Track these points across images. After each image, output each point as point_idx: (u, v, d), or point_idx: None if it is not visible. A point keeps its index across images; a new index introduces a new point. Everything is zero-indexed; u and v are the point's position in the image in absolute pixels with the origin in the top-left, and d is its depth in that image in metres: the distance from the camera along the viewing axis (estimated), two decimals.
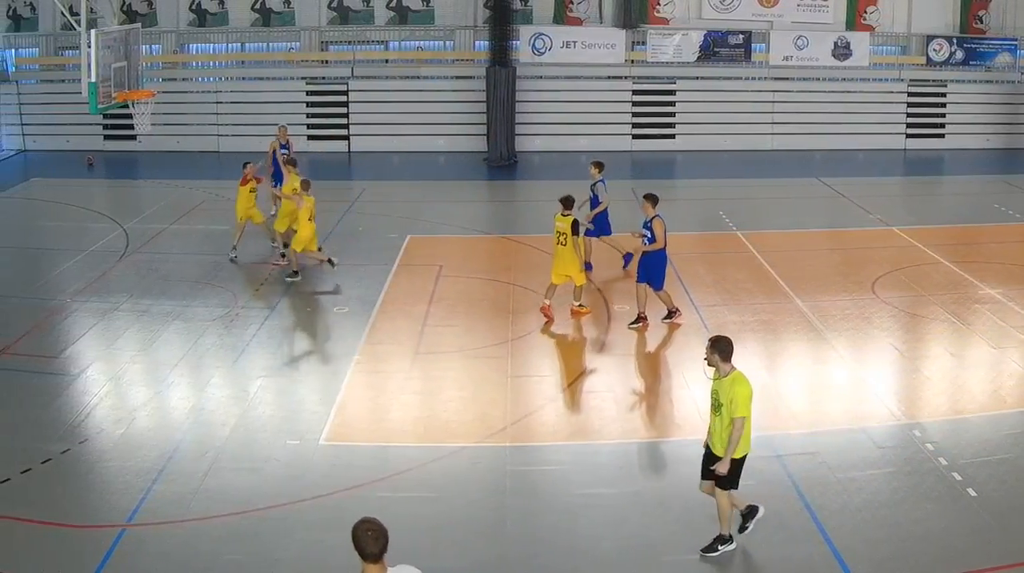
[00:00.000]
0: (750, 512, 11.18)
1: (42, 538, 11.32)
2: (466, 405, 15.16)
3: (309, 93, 37.53)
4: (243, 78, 37.92)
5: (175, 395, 15.51)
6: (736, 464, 10.70)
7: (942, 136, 38.51)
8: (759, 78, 37.82)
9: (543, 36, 37.03)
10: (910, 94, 38.29)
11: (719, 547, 10.96)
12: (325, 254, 21.66)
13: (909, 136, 38.37)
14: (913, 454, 13.23)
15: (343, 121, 37.69)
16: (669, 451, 13.81)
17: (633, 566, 10.93)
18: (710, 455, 10.83)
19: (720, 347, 10.66)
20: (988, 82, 38.64)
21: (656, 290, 18.16)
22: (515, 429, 14.24)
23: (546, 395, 15.68)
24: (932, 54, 38.00)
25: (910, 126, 38.41)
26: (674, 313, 18.38)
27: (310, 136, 36.88)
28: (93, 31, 19.27)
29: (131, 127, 25.67)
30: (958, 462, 12.90)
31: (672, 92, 37.87)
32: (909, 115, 38.38)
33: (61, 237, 24.88)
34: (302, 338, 18.44)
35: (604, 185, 21.39)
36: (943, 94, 38.41)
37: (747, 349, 17.20)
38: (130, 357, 17.00)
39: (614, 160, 34.40)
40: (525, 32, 36.84)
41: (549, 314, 18.39)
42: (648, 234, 17.82)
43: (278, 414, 14.82)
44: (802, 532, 11.40)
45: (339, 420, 14.58)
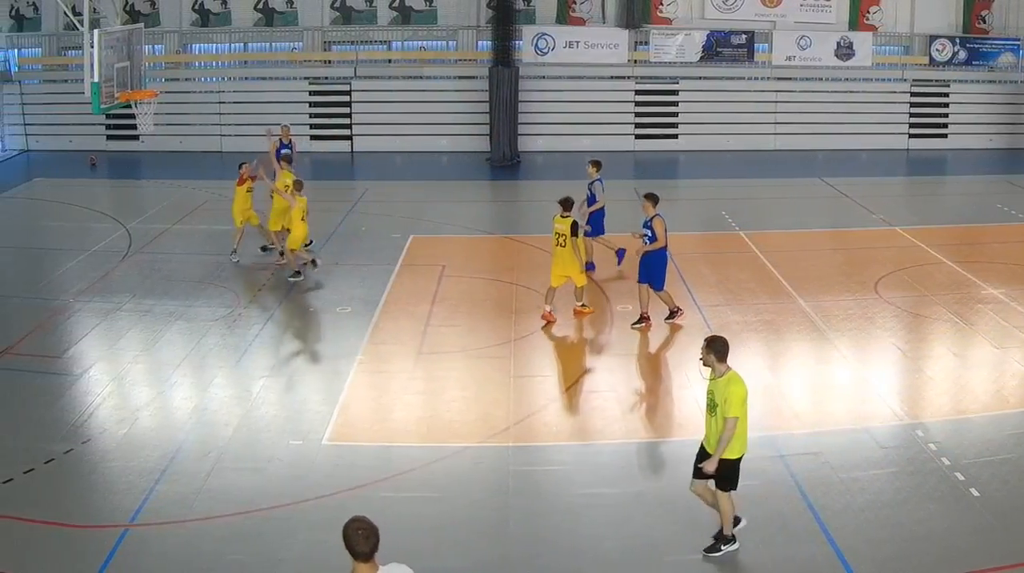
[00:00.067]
0: (725, 539, 11.06)
1: (45, 538, 11.33)
2: (469, 405, 15.17)
3: (312, 93, 37.53)
4: (246, 78, 37.96)
5: (178, 395, 15.52)
6: (733, 465, 10.69)
7: (945, 136, 38.47)
8: (762, 78, 37.78)
9: (546, 36, 37.02)
10: (913, 94, 38.25)
11: (722, 547, 10.96)
12: (311, 255, 21.66)
13: (912, 136, 38.35)
14: (916, 454, 13.23)
15: (346, 121, 37.68)
16: (672, 451, 13.77)
17: (636, 566, 10.93)
18: (705, 456, 10.80)
19: (716, 347, 10.65)
20: (991, 82, 38.62)
21: (656, 290, 18.12)
22: (518, 429, 14.24)
23: (549, 395, 15.67)
24: (935, 54, 37.98)
25: (913, 126, 38.39)
26: (676, 313, 18.36)
27: (313, 136, 36.90)
28: (96, 31, 19.26)
29: (134, 127, 25.69)
30: (961, 462, 12.90)
31: (675, 92, 37.86)
32: (912, 115, 38.35)
33: (64, 237, 24.90)
34: (305, 338, 18.43)
35: (601, 184, 21.38)
36: (946, 94, 38.37)
37: (750, 349, 17.23)
38: (133, 357, 17.01)
39: (617, 160, 34.47)
40: (528, 32, 36.84)
41: (551, 319, 18.38)
42: (649, 233, 17.79)
43: (281, 414, 14.83)
44: (805, 532, 11.40)
45: (342, 420, 14.58)
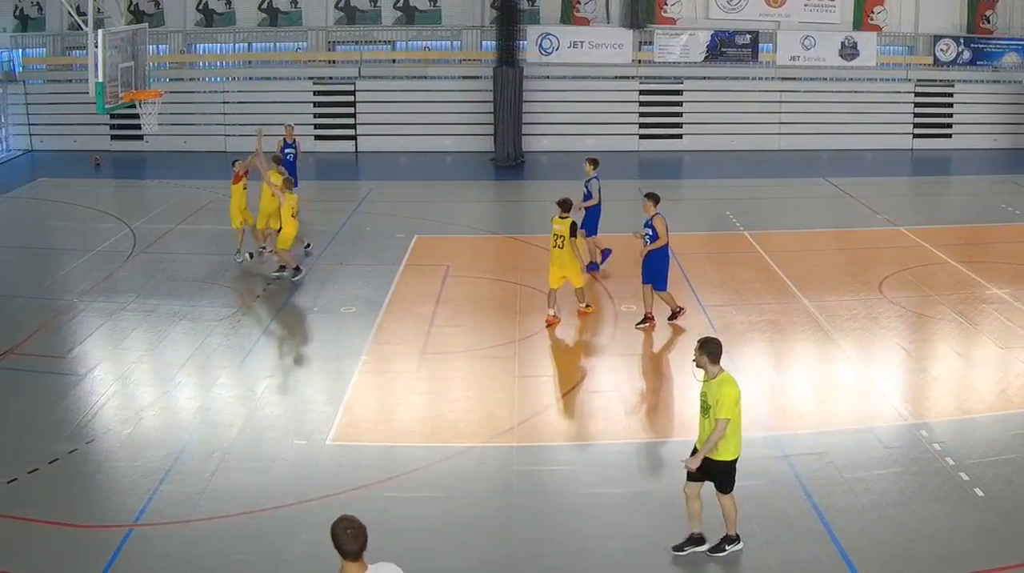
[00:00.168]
0: (695, 541, 10.99)
1: (49, 538, 11.33)
2: (473, 405, 15.16)
3: (316, 93, 37.57)
4: (250, 78, 37.97)
5: (182, 395, 15.53)
6: (729, 467, 10.70)
7: (949, 136, 38.43)
8: (766, 78, 37.76)
9: (550, 36, 37.01)
10: (917, 94, 38.22)
11: (726, 547, 10.96)
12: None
13: (916, 136, 38.31)
14: (920, 454, 13.22)
15: (350, 121, 37.69)
16: (676, 451, 13.66)
17: (641, 566, 10.92)
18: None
19: (709, 349, 10.62)
20: (995, 82, 38.57)
21: (658, 290, 18.04)
22: (522, 429, 14.24)
23: (553, 395, 15.68)
24: (939, 54, 37.93)
25: (917, 126, 38.34)
26: (678, 313, 18.29)
27: (317, 136, 36.90)
28: (100, 31, 19.28)
29: (138, 127, 25.77)
30: (965, 462, 12.88)
31: (679, 92, 37.85)
32: (916, 115, 38.31)
33: (68, 237, 24.92)
34: (309, 338, 18.41)
35: (598, 182, 21.37)
36: (950, 94, 38.34)
37: (754, 349, 17.23)
38: (137, 357, 17.02)
39: (621, 160, 34.54)
40: (532, 32, 36.82)
41: (555, 322, 18.36)
42: (650, 232, 17.75)
43: (285, 414, 14.83)
44: (809, 532, 11.39)
45: (346, 420, 14.58)
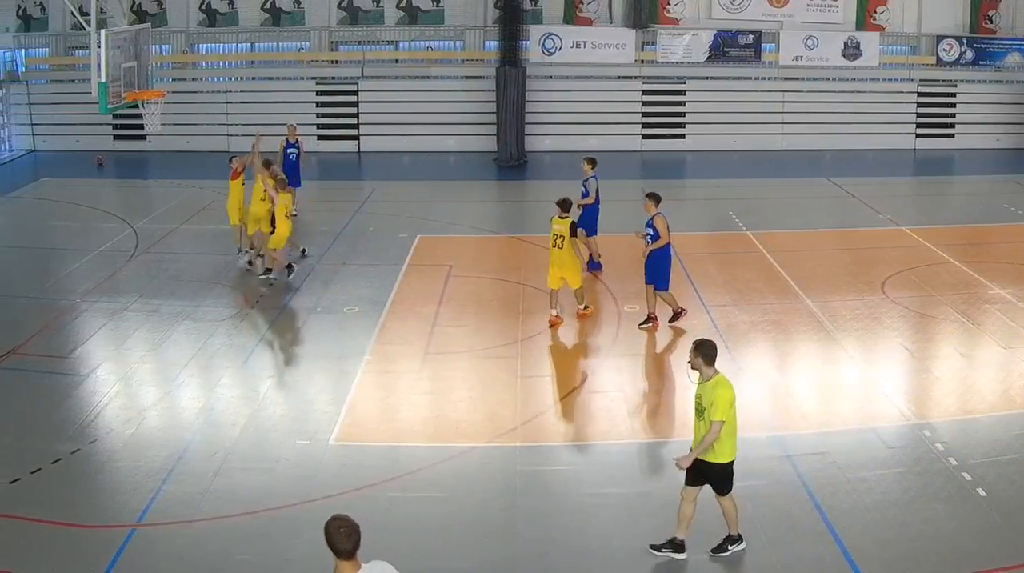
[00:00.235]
0: (675, 546, 10.96)
1: (52, 538, 11.34)
2: (476, 405, 15.16)
3: (319, 93, 37.59)
4: (253, 78, 37.99)
5: (185, 395, 15.53)
6: (725, 470, 10.69)
7: (952, 136, 38.44)
8: (769, 78, 37.75)
9: (553, 36, 37.01)
10: (920, 94, 38.21)
11: (729, 547, 10.96)
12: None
13: (919, 136, 38.31)
14: (923, 454, 13.21)
15: (353, 121, 37.72)
16: (678, 451, 13.60)
17: (643, 566, 10.90)
18: (695, 461, 10.71)
19: (704, 351, 10.61)
20: (998, 82, 38.53)
21: (659, 290, 17.97)
22: (525, 429, 14.24)
23: (556, 395, 15.68)
24: (942, 54, 37.92)
25: (920, 126, 38.35)
26: (679, 314, 18.20)
27: (320, 136, 36.93)
28: (103, 31, 19.32)
29: (141, 127, 25.75)
30: (968, 462, 12.87)
31: (682, 92, 37.85)
32: (919, 115, 38.31)
33: (71, 237, 24.93)
34: (312, 338, 18.38)
35: (596, 181, 21.39)
36: (953, 94, 38.33)
37: (757, 349, 17.23)
38: (140, 357, 17.02)
39: (624, 160, 34.57)
40: (535, 32, 36.84)
41: (558, 322, 18.33)
42: (651, 232, 17.72)
43: (288, 414, 14.83)
44: (812, 532, 11.38)
45: (349, 420, 14.58)
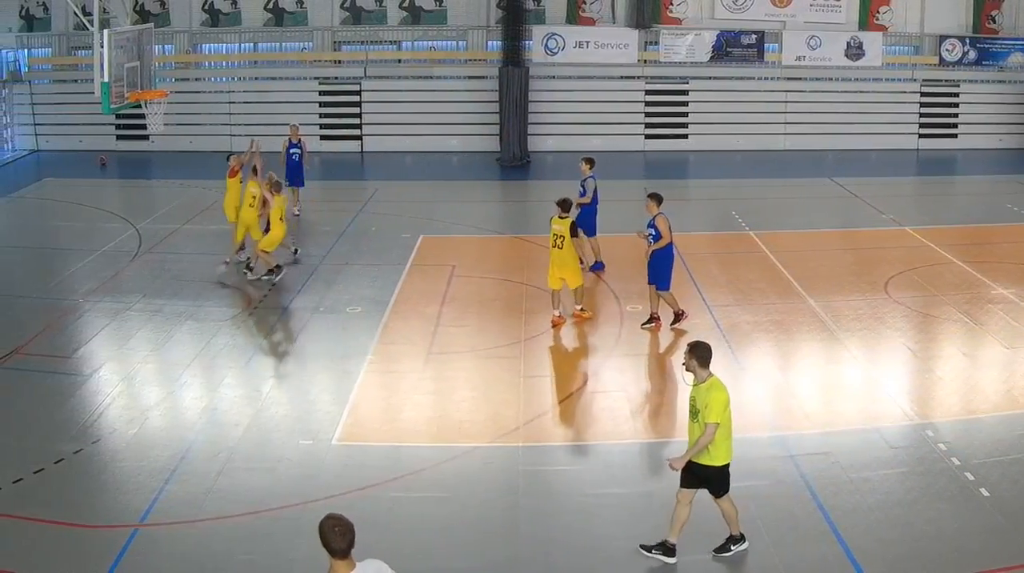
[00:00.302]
0: (666, 550, 10.93)
1: (55, 538, 11.35)
2: (479, 405, 15.15)
3: (322, 93, 37.60)
4: (256, 78, 38.00)
5: (188, 395, 15.53)
6: (721, 472, 10.68)
7: (955, 136, 38.41)
8: (772, 78, 37.75)
9: (556, 36, 37.02)
10: (923, 94, 38.20)
11: (731, 547, 10.96)
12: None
13: (922, 136, 38.30)
14: (926, 454, 13.20)
15: (356, 121, 37.74)
16: (681, 451, 13.71)
17: (645, 566, 10.89)
18: (690, 464, 10.71)
19: (699, 353, 10.61)
20: (1001, 82, 38.51)
21: (660, 290, 17.92)
22: (528, 429, 14.23)
23: (559, 395, 15.68)
24: (945, 54, 37.90)
25: (923, 126, 38.33)
26: (680, 317, 18.09)
27: (323, 136, 36.94)
28: (106, 31, 19.34)
29: (144, 127, 25.81)
30: (971, 462, 12.86)
31: (685, 92, 37.84)
32: (922, 115, 38.30)
33: (74, 237, 24.95)
34: (315, 338, 18.37)
35: (594, 181, 21.40)
36: (956, 94, 38.31)
37: (760, 349, 17.23)
38: (143, 357, 17.03)
39: (627, 160, 34.58)
40: (538, 32, 36.85)
41: (561, 322, 18.31)
42: (653, 232, 17.69)
43: (291, 414, 14.83)
44: (815, 532, 11.38)
45: (352, 420, 14.58)
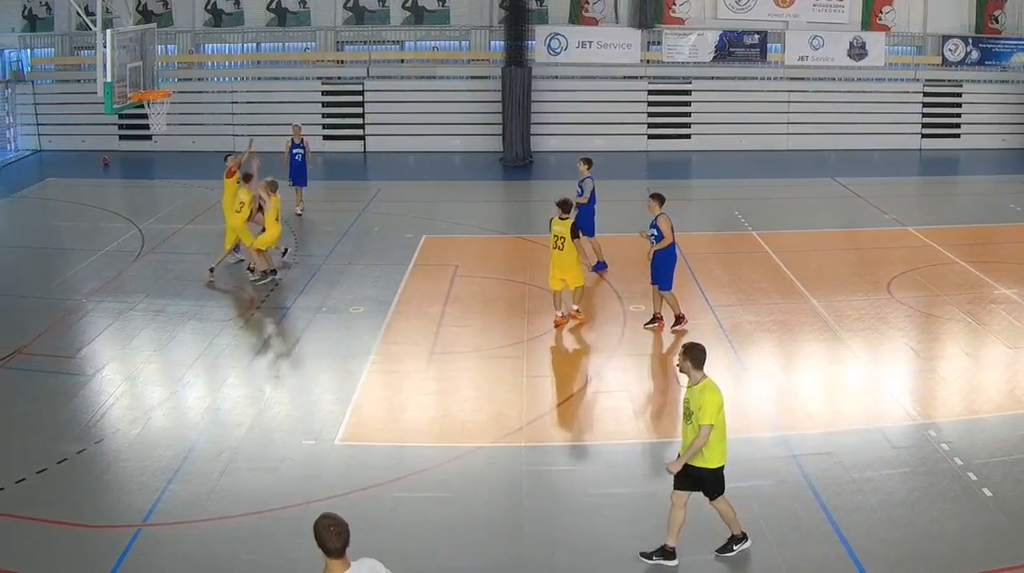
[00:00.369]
0: (665, 554, 10.91)
1: (58, 538, 11.36)
2: (482, 405, 15.16)
3: (325, 93, 37.61)
4: (259, 78, 38.05)
5: (191, 395, 15.55)
6: (716, 474, 10.68)
7: (957, 136, 38.38)
8: (774, 78, 37.72)
9: (559, 36, 37.02)
10: (925, 94, 38.16)
11: (734, 547, 10.96)
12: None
13: (924, 136, 38.26)
14: (928, 454, 13.20)
15: (359, 121, 37.74)
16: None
17: (649, 566, 10.91)
18: (685, 466, 10.69)
19: (693, 354, 10.60)
20: (1004, 82, 38.48)
21: (662, 290, 17.86)
22: (531, 429, 14.24)
23: (561, 395, 15.68)
24: (947, 54, 37.88)
25: (925, 126, 38.30)
26: (681, 320, 17.98)
27: (326, 136, 36.94)
28: (109, 31, 19.31)
29: (146, 127, 25.73)
30: (973, 462, 12.86)
31: (688, 92, 37.82)
32: (924, 115, 38.27)
33: (77, 237, 24.98)
34: (317, 338, 18.37)
35: (592, 182, 21.41)
36: (959, 94, 38.28)
37: (763, 349, 17.23)
38: (146, 357, 17.05)
39: (630, 160, 34.59)
40: (541, 32, 36.84)
41: (564, 322, 18.30)
42: (655, 232, 17.68)
43: (294, 414, 14.84)
44: (818, 532, 11.38)
45: (355, 420, 14.59)
